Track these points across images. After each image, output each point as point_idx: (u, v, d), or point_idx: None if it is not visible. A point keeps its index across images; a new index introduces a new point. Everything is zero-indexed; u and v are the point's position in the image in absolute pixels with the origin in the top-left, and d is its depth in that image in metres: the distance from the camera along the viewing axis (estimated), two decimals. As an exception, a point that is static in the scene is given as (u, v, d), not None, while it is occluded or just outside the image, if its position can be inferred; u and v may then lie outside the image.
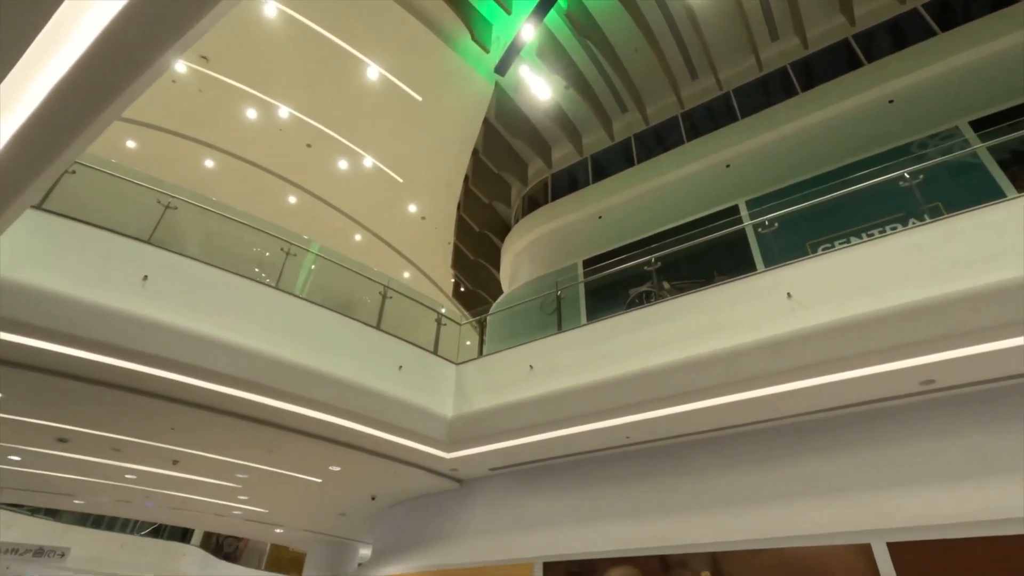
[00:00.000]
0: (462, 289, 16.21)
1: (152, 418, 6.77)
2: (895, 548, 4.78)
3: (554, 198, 12.22)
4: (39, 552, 11.95)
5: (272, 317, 6.35)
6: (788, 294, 5.40)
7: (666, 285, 7.93)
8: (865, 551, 4.89)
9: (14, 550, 12.10)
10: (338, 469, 8.37)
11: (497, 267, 13.99)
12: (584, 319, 8.12)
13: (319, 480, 8.91)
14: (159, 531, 19.41)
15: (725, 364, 5.47)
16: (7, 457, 8.59)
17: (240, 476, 8.98)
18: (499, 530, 8.06)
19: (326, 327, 6.85)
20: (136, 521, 18.43)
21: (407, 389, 7.16)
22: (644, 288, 8.09)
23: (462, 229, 14.17)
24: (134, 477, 9.38)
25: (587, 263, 10.00)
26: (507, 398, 7.07)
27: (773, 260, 6.42)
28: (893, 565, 4.73)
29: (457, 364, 8.11)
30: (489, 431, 7.18)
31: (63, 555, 12.70)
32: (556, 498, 7.77)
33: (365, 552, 13.87)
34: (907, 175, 6.00)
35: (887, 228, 6.36)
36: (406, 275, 17.00)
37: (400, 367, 7.23)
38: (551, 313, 8.49)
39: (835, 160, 8.00)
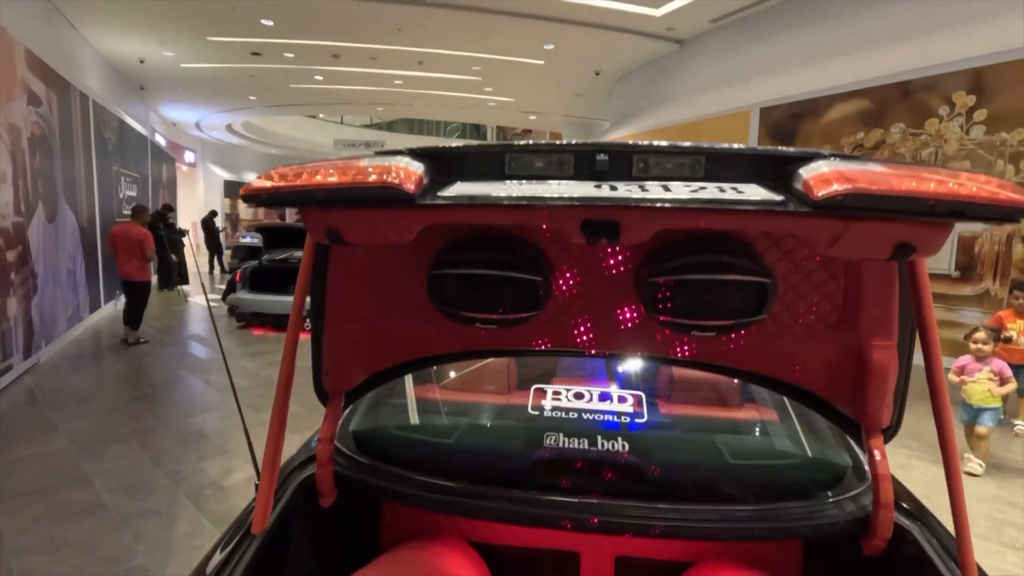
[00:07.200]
0: None
1: (381, 22, 7.63)
2: None
3: None
4: (367, 145, 17.74)
5: None
6: None
7: None
8: None
9: (352, 144, 20.22)
10: (552, 47, 8.54)
11: None
12: None
13: (541, 62, 9.31)
14: (463, 132, 24.44)
15: None
16: (313, 78, 11.02)
17: (475, 68, 9.96)
18: (719, 85, 7.71)
19: None
20: (446, 124, 24.39)
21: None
22: None
23: None
24: (400, 82, 11.24)
25: None
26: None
27: None
28: None
29: None
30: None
31: (383, 145, 17.93)
32: (782, 41, 6.78)
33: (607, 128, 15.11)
34: None
35: None
36: None
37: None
38: None
39: None
